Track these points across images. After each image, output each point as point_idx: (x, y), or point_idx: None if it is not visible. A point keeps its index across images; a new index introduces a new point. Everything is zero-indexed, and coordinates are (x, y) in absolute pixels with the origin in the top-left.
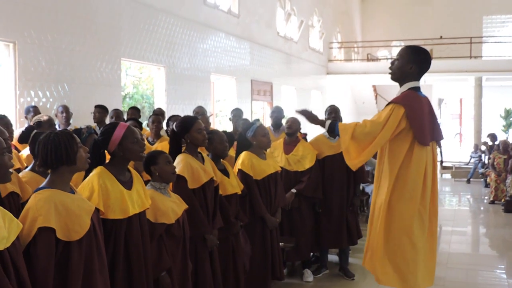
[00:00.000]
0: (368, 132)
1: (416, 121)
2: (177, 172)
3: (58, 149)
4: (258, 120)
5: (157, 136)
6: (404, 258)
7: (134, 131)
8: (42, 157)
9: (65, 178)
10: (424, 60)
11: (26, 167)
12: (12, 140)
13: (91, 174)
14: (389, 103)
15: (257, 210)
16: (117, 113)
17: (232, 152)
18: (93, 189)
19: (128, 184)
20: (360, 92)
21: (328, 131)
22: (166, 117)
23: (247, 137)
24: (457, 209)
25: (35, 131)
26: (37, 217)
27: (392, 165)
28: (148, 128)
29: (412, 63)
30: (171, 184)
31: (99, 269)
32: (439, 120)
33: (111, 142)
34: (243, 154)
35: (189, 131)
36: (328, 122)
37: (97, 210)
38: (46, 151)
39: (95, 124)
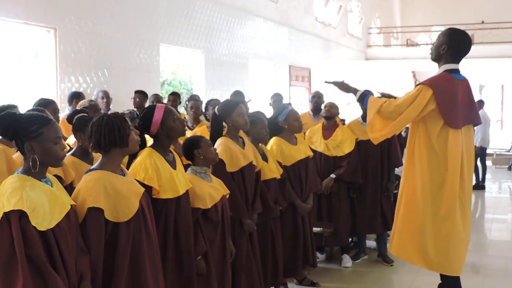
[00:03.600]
0: (393, 111)
1: (445, 103)
2: None
3: (111, 131)
4: (289, 104)
5: (196, 121)
6: (450, 245)
7: (172, 110)
8: (96, 139)
9: (117, 160)
10: (457, 41)
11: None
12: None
13: (141, 156)
14: (418, 84)
15: (287, 197)
16: (157, 98)
17: None
18: (147, 169)
19: (173, 164)
20: (399, 78)
21: (358, 100)
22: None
23: (278, 121)
24: (498, 197)
25: (78, 115)
26: (87, 198)
27: (427, 148)
28: (186, 113)
29: (445, 44)
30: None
31: (148, 251)
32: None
33: (153, 124)
34: (273, 140)
35: (231, 115)
36: (360, 92)
37: (146, 192)
38: (99, 134)
39: (135, 109)
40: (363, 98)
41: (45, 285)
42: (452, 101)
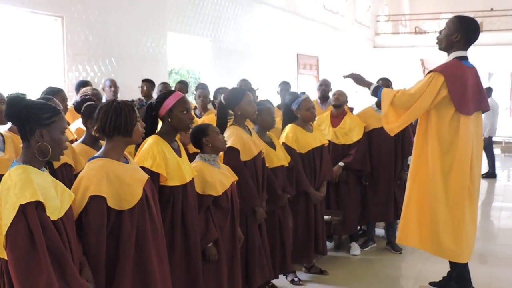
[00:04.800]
0: (406, 100)
1: (456, 90)
2: (230, 144)
3: (117, 118)
4: (304, 93)
5: (204, 109)
6: (461, 231)
7: (186, 102)
8: (101, 123)
9: (119, 148)
10: (470, 29)
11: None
12: (65, 114)
13: (148, 143)
14: (429, 72)
15: (300, 185)
16: (166, 86)
17: (278, 123)
18: (155, 156)
19: (178, 152)
20: (408, 66)
21: (372, 94)
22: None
23: (292, 109)
24: (507, 185)
25: (87, 103)
26: (89, 186)
27: (437, 135)
28: (194, 102)
29: (458, 32)
30: (221, 155)
31: (152, 238)
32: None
33: (162, 106)
34: (288, 127)
35: (240, 103)
36: (373, 86)
37: (152, 180)
38: (105, 118)
39: (143, 97)
40: (377, 91)
41: (63, 276)
42: (463, 88)
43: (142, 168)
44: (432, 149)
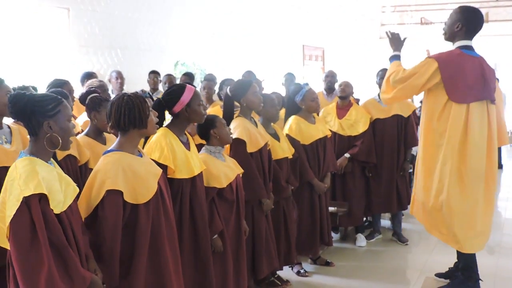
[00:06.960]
0: (397, 80)
1: (449, 76)
2: (236, 136)
3: (131, 111)
4: (306, 84)
5: (209, 101)
6: (455, 220)
7: (199, 94)
8: (115, 118)
9: (134, 141)
10: (471, 19)
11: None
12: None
13: (156, 135)
14: (426, 57)
15: (304, 176)
16: (170, 78)
17: (282, 115)
18: (163, 148)
19: (187, 145)
20: (414, 57)
21: (389, 59)
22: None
23: (296, 101)
24: None
25: (91, 95)
26: (105, 180)
27: (431, 123)
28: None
29: (458, 21)
30: (227, 147)
31: (166, 232)
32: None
33: (179, 103)
34: (291, 119)
35: (245, 95)
36: (392, 54)
37: (164, 173)
38: (119, 113)
39: (149, 89)
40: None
41: (65, 269)
42: (458, 75)
43: None
44: (428, 136)
